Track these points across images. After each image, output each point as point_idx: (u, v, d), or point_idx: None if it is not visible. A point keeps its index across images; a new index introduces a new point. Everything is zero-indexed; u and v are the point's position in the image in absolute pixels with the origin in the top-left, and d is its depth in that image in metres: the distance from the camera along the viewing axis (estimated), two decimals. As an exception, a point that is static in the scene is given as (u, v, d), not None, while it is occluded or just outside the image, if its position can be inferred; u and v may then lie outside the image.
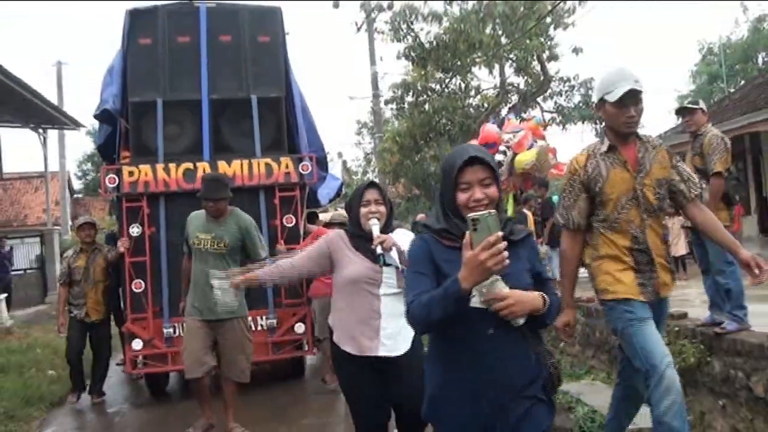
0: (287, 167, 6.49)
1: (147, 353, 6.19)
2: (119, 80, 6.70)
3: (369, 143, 31.76)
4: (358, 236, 3.30)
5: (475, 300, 1.99)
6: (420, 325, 2.13)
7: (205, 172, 6.27)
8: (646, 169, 3.16)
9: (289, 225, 6.41)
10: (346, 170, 29.40)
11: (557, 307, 2.27)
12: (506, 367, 2.09)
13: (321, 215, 8.91)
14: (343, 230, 3.46)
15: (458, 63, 15.91)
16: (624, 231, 3.16)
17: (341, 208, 8.64)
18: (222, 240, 4.98)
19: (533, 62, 16.51)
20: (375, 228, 3.19)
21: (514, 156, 8.55)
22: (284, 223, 6.41)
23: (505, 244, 1.89)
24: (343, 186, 7.76)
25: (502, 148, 8.57)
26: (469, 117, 16.93)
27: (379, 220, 3.24)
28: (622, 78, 3.09)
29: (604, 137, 3.26)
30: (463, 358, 2.12)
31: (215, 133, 6.66)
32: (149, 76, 6.62)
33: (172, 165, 6.35)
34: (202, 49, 6.69)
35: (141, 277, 6.23)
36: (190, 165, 6.36)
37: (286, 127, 6.86)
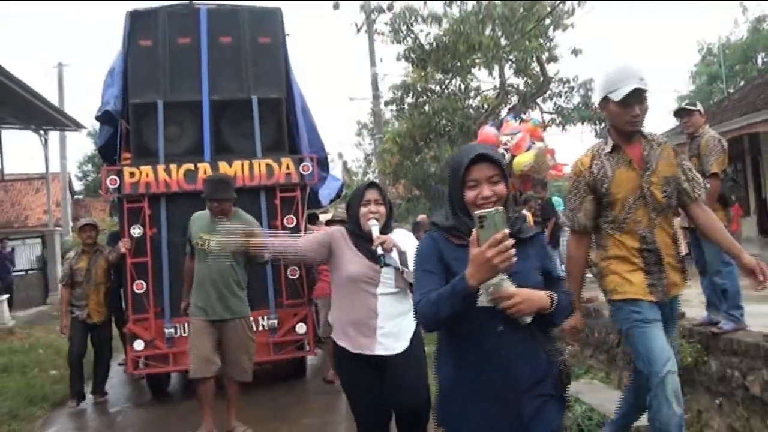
0: (288, 168, 6.52)
1: (148, 354, 6.19)
2: (120, 82, 6.72)
3: (369, 144, 31.79)
4: (357, 235, 3.30)
5: (482, 299, 1.99)
6: (428, 322, 2.12)
7: (206, 173, 6.30)
8: (653, 167, 3.10)
9: (290, 225, 6.40)
10: (347, 171, 29.40)
11: (568, 306, 2.24)
12: (515, 365, 2.08)
13: (321, 216, 8.94)
14: (344, 228, 3.46)
15: (458, 64, 15.90)
16: (632, 231, 3.10)
17: (341, 209, 8.66)
18: None
19: (533, 63, 16.48)
20: (375, 228, 3.19)
21: (512, 158, 8.59)
22: (285, 224, 6.41)
23: (513, 241, 1.88)
24: (344, 187, 7.75)
25: (500, 151, 8.60)
26: (469, 118, 16.92)
27: (378, 220, 3.24)
28: (626, 76, 3.02)
29: (608, 137, 3.20)
30: (472, 357, 2.12)
31: (216, 134, 6.67)
32: (150, 78, 6.64)
33: (173, 166, 6.37)
34: (202, 51, 6.71)
35: (142, 277, 6.25)
36: (191, 166, 6.39)
37: (287, 128, 6.88)
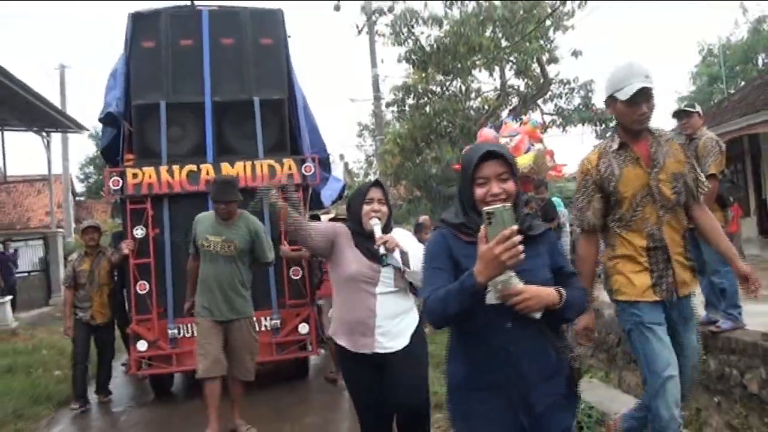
0: (290, 168, 6.55)
1: (152, 354, 6.21)
2: (123, 83, 6.76)
3: (370, 145, 31.86)
4: (358, 234, 3.30)
5: (490, 296, 1.99)
6: (437, 318, 2.12)
7: (208, 174, 6.36)
8: (660, 163, 3.06)
9: None
10: (348, 172, 29.45)
11: (581, 302, 2.21)
12: (524, 362, 2.08)
13: (323, 217, 8.96)
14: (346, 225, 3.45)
15: (459, 66, 15.92)
16: (640, 229, 3.06)
17: (343, 208, 8.68)
18: (232, 243, 5.02)
19: (533, 65, 16.51)
20: (377, 228, 3.19)
21: (511, 159, 8.59)
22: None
23: (521, 237, 1.88)
24: (345, 188, 7.77)
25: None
26: (469, 119, 16.96)
27: (381, 219, 3.24)
28: (632, 74, 2.98)
29: (615, 134, 3.17)
30: (481, 354, 2.13)
31: (218, 135, 6.70)
32: (152, 79, 6.67)
33: (176, 167, 6.40)
34: (204, 52, 6.74)
35: (145, 278, 6.27)
36: (194, 167, 6.42)
37: (289, 129, 6.90)
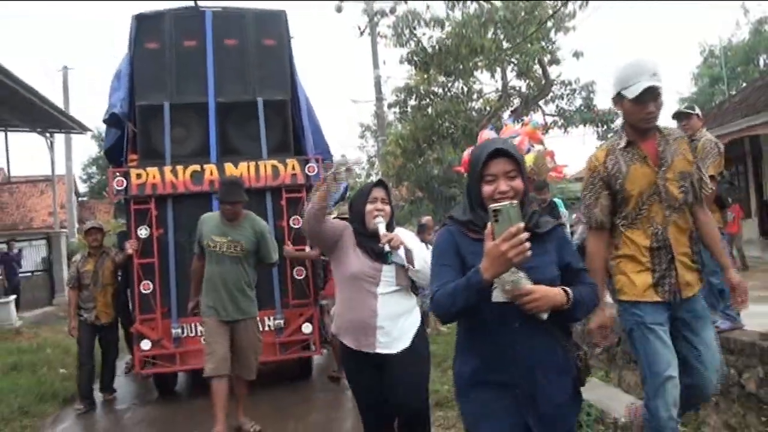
0: (294, 169, 6.57)
1: (156, 353, 6.24)
2: (127, 84, 6.79)
3: (372, 146, 31.91)
4: (360, 233, 3.31)
5: (496, 294, 1.99)
6: (444, 314, 2.14)
7: (212, 174, 6.40)
8: (668, 162, 3.02)
9: (296, 226, 6.45)
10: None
11: (592, 299, 2.20)
12: (531, 361, 2.10)
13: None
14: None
15: (460, 67, 15.95)
16: (644, 228, 3.03)
17: (346, 207, 8.73)
18: (239, 244, 5.06)
19: (534, 66, 16.54)
20: (381, 226, 3.20)
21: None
22: (291, 225, 6.48)
23: (527, 235, 1.89)
24: (348, 189, 7.80)
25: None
26: (471, 120, 17.00)
27: (384, 219, 3.25)
28: (640, 72, 2.93)
29: (623, 132, 3.13)
30: (489, 351, 2.14)
31: (222, 136, 6.72)
32: (156, 80, 6.70)
33: (180, 167, 6.42)
34: (208, 53, 6.77)
35: (149, 278, 6.29)
36: (198, 167, 6.45)
37: (292, 130, 6.93)
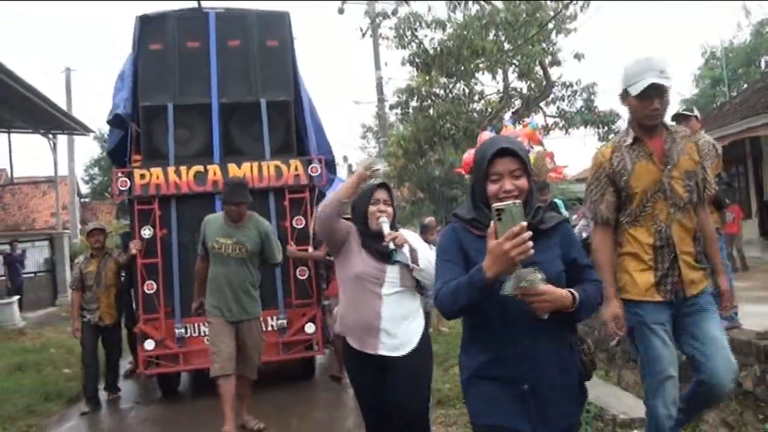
0: (297, 169, 6.59)
1: (159, 353, 6.25)
2: (130, 85, 6.80)
3: (374, 147, 31.92)
4: (364, 234, 3.32)
5: (507, 287, 1.98)
6: (447, 311, 2.17)
7: (215, 175, 6.41)
8: (674, 160, 3.00)
9: (299, 227, 6.48)
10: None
11: (595, 299, 2.19)
12: (536, 357, 2.11)
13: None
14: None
15: (462, 69, 15.94)
16: (648, 226, 3.02)
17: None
18: (244, 245, 5.08)
19: (536, 68, 16.54)
20: (385, 226, 3.21)
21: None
22: (294, 225, 6.49)
23: (530, 234, 1.90)
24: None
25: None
26: (473, 121, 16.98)
27: (387, 220, 3.26)
28: (646, 69, 2.92)
29: (630, 129, 3.11)
30: (494, 347, 2.16)
31: (225, 137, 6.74)
32: (160, 81, 6.72)
33: (183, 168, 6.44)
34: (211, 54, 6.78)
35: (153, 278, 6.31)
36: (201, 168, 6.46)
37: (295, 130, 6.94)
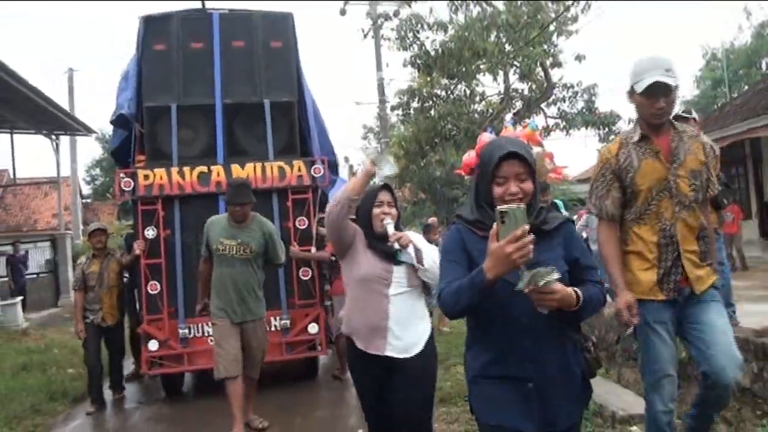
0: (300, 170, 6.60)
1: (163, 354, 6.24)
2: (134, 85, 6.81)
3: (375, 148, 31.95)
4: (369, 235, 3.32)
5: (521, 284, 1.96)
6: (450, 311, 2.18)
7: (219, 176, 6.42)
8: (680, 159, 3.00)
9: (302, 227, 6.50)
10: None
11: (597, 299, 2.19)
12: (540, 356, 2.12)
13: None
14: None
15: (463, 70, 15.95)
16: (652, 224, 3.02)
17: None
18: (248, 246, 5.10)
19: (537, 69, 16.57)
20: (390, 226, 3.22)
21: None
22: (297, 225, 6.50)
23: (532, 237, 1.91)
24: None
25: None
26: (474, 123, 17.00)
27: (392, 221, 3.26)
28: (653, 67, 2.93)
29: (637, 126, 3.12)
30: (497, 346, 2.17)
31: (229, 137, 6.75)
32: (163, 82, 6.73)
33: (187, 168, 6.45)
34: (215, 55, 6.80)
35: (156, 278, 6.31)
36: (205, 168, 6.47)
37: (299, 131, 6.95)
